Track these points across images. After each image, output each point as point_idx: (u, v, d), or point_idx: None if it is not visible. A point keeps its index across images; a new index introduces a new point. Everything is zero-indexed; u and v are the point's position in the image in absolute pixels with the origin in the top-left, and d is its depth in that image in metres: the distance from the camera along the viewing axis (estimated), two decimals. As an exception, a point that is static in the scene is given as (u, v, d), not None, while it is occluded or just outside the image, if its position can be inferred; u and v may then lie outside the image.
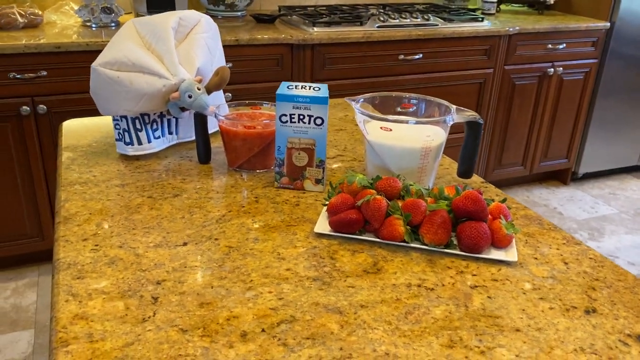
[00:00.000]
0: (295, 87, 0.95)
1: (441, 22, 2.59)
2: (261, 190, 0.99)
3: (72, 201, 0.93)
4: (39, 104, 2.02)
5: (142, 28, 1.04)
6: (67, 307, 0.68)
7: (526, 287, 0.75)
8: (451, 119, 0.96)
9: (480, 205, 0.81)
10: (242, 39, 2.19)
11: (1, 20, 2.09)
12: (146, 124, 1.07)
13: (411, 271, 0.78)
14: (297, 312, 0.69)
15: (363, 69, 2.46)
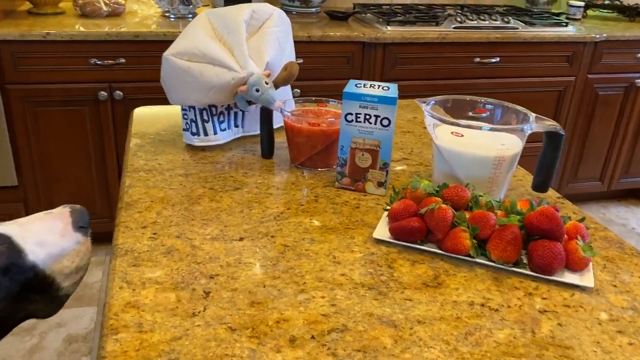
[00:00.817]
0: (364, 85, 0.91)
1: (522, 25, 2.48)
2: (321, 189, 0.96)
3: (135, 187, 0.94)
4: (115, 90, 2.09)
5: (215, 19, 1.04)
6: (120, 294, 0.68)
7: (602, 317, 0.69)
8: (529, 127, 0.89)
9: (556, 224, 0.74)
10: (314, 36, 2.18)
11: (87, 9, 2.18)
12: (213, 115, 1.07)
13: (475, 288, 0.73)
14: (350, 322, 0.66)
15: (436, 70, 2.39)
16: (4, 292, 0.65)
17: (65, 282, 0.70)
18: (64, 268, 0.70)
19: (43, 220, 0.72)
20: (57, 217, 0.73)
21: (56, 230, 0.71)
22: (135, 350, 0.60)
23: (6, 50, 1.94)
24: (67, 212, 0.73)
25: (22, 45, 1.94)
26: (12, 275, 0.66)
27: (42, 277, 0.69)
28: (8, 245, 0.67)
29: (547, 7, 2.97)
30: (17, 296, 0.67)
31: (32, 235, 0.69)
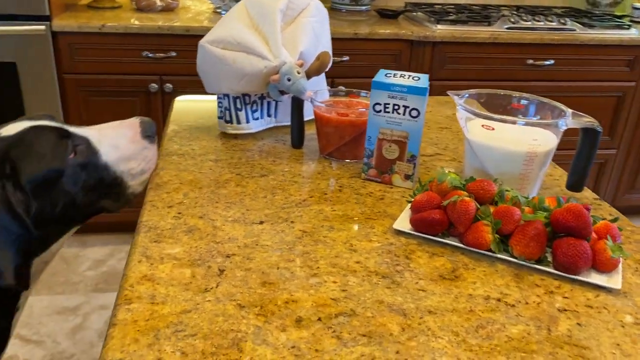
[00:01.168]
0: (394, 75, 0.90)
1: (579, 27, 2.39)
2: (347, 180, 0.96)
3: (167, 170, 0.97)
4: (166, 83, 2.15)
5: (252, 8, 1.06)
6: (138, 267, 0.70)
7: (627, 319, 0.65)
8: (564, 123, 0.86)
9: (583, 221, 0.71)
10: (360, 33, 2.17)
11: (142, 3, 2.26)
12: (246, 104, 1.09)
13: (493, 283, 0.71)
14: (359, 307, 0.65)
15: (486, 71, 2.33)
16: (81, 184, 0.80)
17: (131, 181, 0.86)
18: (131, 169, 0.85)
19: (116, 128, 0.87)
20: (129, 126, 0.88)
21: (127, 137, 0.86)
22: (145, 320, 0.61)
23: (64, 41, 2.03)
24: (137, 122, 0.88)
25: (80, 36, 2.03)
26: (88, 170, 0.81)
27: (113, 175, 0.83)
28: (86, 145, 0.82)
29: (610, 9, 2.84)
30: (92, 189, 0.81)
31: (106, 140, 0.84)
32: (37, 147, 0.77)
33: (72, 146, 0.81)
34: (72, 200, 0.80)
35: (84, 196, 0.81)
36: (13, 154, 0.75)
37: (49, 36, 2.02)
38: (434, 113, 1.32)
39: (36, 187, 0.75)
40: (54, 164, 0.77)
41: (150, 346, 0.58)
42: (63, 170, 0.78)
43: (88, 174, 0.81)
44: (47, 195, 0.77)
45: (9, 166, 0.74)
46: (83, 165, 0.81)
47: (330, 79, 2.25)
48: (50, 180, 0.77)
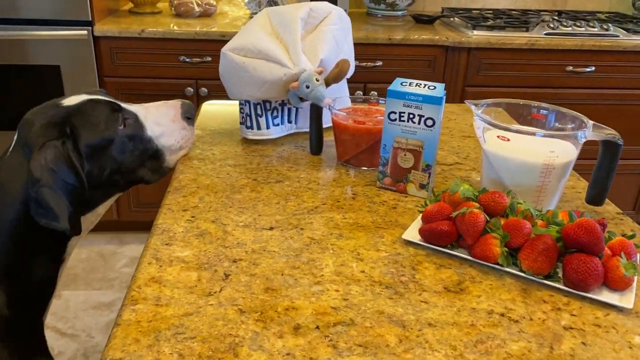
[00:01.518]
0: (409, 84, 0.90)
1: (623, 33, 2.31)
2: (362, 188, 0.96)
3: (185, 174, 0.99)
4: (201, 87, 2.20)
5: (274, 17, 1.07)
6: (147, 269, 0.73)
7: (635, 341, 0.63)
8: (583, 135, 0.84)
9: (595, 237, 0.69)
10: (394, 38, 2.16)
11: (181, 9, 2.32)
12: (267, 110, 1.10)
13: (499, 297, 0.70)
14: (358, 317, 0.65)
15: (523, 77, 2.28)
16: (127, 153, 0.92)
17: (169, 156, 0.99)
18: (171, 145, 0.99)
19: (161, 107, 1.00)
20: (171, 106, 1.01)
21: (169, 116, 0.99)
22: (148, 322, 0.63)
23: (106, 45, 2.11)
24: (179, 104, 1.02)
25: (120, 41, 2.11)
26: (134, 141, 0.93)
27: (154, 148, 0.96)
28: (135, 119, 0.95)
29: (658, 14, 2.74)
30: (135, 159, 0.94)
31: (151, 117, 0.97)
32: (93, 117, 0.89)
33: (122, 119, 0.92)
34: (118, 166, 0.92)
35: (128, 164, 0.93)
36: (75, 120, 0.87)
37: (91, 41, 2.10)
38: (458, 121, 1.30)
39: (90, 152, 0.88)
40: (106, 133, 0.89)
41: (149, 347, 0.60)
42: (113, 139, 0.90)
43: (134, 144, 0.93)
44: (98, 160, 0.89)
45: (69, 129, 0.86)
46: (130, 136, 0.93)
47: (363, 84, 2.25)
48: (102, 146, 0.89)
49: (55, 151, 0.82)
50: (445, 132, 1.23)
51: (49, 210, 0.81)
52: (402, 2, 2.52)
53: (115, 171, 0.92)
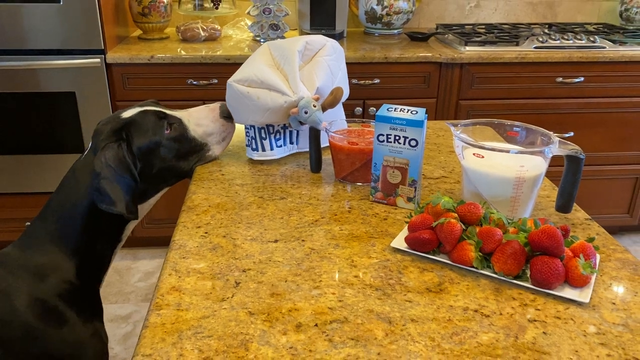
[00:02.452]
0: (395, 109, 1.01)
1: (609, 44, 2.41)
2: (356, 202, 1.07)
3: (198, 194, 1.10)
4: (208, 107, 2.32)
5: (274, 50, 1.19)
6: (168, 279, 0.84)
7: (589, 330, 0.74)
8: (550, 150, 0.94)
9: (556, 241, 0.80)
10: (390, 57, 2.28)
11: (187, 34, 2.45)
12: (270, 133, 1.22)
13: (473, 296, 0.80)
14: (351, 315, 0.76)
15: (515, 89, 2.39)
16: (175, 151, 1.13)
17: (214, 147, 1.21)
18: (213, 139, 1.20)
19: (201, 111, 1.20)
20: (211, 109, 1.20)
21: (209, 117, 1.19)
22: (171, 324, 0.74)
23: (118, 71, 2.24)
24: (218, 106, 1.21)
25: (131, 67, 2.24)
26: (181, 142, 1.14)
27: (199, 144, 1.17)
28: (179, 124, 1.15)
29: (645, 24, 2.84)
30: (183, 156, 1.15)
31: (193, 119, 1.17)
32: (143, 125, 1.10)
33: (168, 124, 1.12)
34: (167, 164, 1.12)
35: (175, 161, 1.13)
36: (128, 128, 1.08)
37: (104, 68, 2.23)
38: (446, 137, 1.41)
39: (141, 152, 1.09)
40: (154, 138, 1.10)
41: (174, 344, 0.71)
42: (160, 142, 1.11)
43: (180, 145, 1.14)
44: (148, 159, 1.10)
45: (124, 134, 1.07)
46: (176, 138, 1.13)
47: (362, 101, 2.37)
48: (151, 148, 1.10)
49: (113, 151, 1.04)
50: (433, 147, 1.34)
51: (107, 196, 1.02)
52: (398, 20, 2.64)
53: (164, 168, 1.13)
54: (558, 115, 2.45)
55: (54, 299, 1.00)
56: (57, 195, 1.08)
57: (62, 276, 1.03)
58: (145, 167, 1.09)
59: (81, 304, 1.05)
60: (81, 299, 1.06)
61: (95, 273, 1.11)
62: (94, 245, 1.09)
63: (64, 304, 1.01)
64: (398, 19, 2.63)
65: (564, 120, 2.46)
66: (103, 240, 1.10)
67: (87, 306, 1.08)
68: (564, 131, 2.46)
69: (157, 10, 2.45)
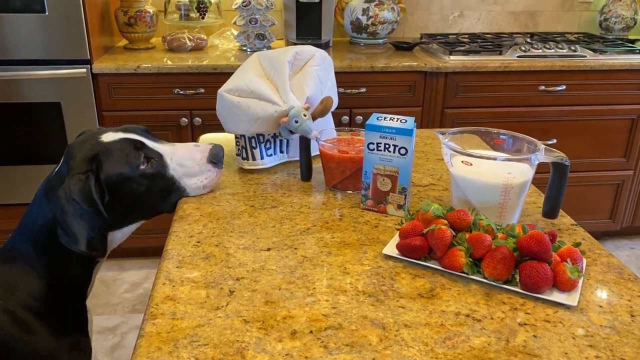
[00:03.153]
0: (384, 118, 1.03)
1: (590, 53, 2.47)
2: (347, 209, 1.08)
3: (189, 203, 1.11)
4: (195, 117, 2.32)
5: (264, 60, 1.20)
6: (162, 289, 0.84)
7: (578, 332, 0.75)
8: (536, 158, 0.97)
9: (544, 246, 0.82)
10: (376, 66, 2.31)
11: (173, 44, 2.45)
12: (260, 142, 1.23)
13: (465, 301, 0.82)
14: (345, 322, 0.77)
15: (498, 98, 2.43)
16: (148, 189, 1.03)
17: (191, 193, 1.10)
18: (193, 184, 1.09)
19: (189, 149, 1.09)
20: (200, 149, 1.10)
21: (195, 159, 1.08)
22: (167, 333, 0.75)
23: (104, 81, 2.23)
24: (208, 148, 1.10)
25: (117, 77, 2.23)
26: (155, 179, 1.04)
27: (177, 186, 1.07)
28: (158, 159, 1.05)
29: (623, 33, 2.91)
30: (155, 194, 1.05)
31: (177, 158, 1.07)
32: (117, 154, 1.02)
33: (146, 158, 1.03)
34: (138, 199, 1.04)
35: (148, 198, 1.05)
36: (101, 157, 1.01)
37: (90, 78, 2.22)
38: (434, 145, 1.43)
39: (110, 185, 1.01)
40: (125, 171, 1.01)
41: (170, 353, 0.71)
42: (131, 177, 1.02)
43: (154, 182, 1.04)
44: (118, 192, 1.01)
45: (95, 165, 1.00)
46: (151, 175, 1.04)
47: (349, 110, 2.39)
48: (120, 181, 1.01)
49: (79, 184, 0.97)
50: (421, 155, 1.36)
51: (70, 234, 0.97)
52: (383, 30, 2.67)
53: (135, 203, 1.05)
54: (541, 122, 2.49)
55: (23, 312, 0.97)
56: (29, 214, 1.05)
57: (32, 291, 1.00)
58: (114, 201, 1.02)
59: (55, 318, 1.02)
60: (56, 313, 1.02)
61: (75, 289, 1.07)
62: (67, 263, 1.04)
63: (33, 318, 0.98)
64: (383, 28, 2.66)
65: (547, 128, 2.50)
66: (75, 260, 1.05)
67: (64, 320, 1.04)
68: (547, 138, 2.50)
69: (143, 20, 2.45)
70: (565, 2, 2.99)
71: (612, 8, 2.87)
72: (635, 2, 2.87)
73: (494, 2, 2.95)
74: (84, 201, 0.97)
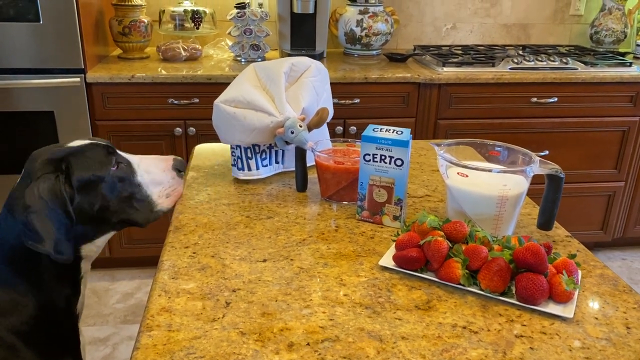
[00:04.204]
0: (380, 130, 1.03)
1: (581, 65, 2.49)
2: (343, 220, 1.08)
3: (185, 214, 1.10)
4: (189, 127, 2.32)
5: (260, 71, 1.21)
6: (158, 300, 0.83)
7: (574, 344, 0.75)
8: (531, 170, 0.97)
9: (540, 258, 0.82)
10: (370, 77, 2.32)
11: (168, 54, 2.45)
12: (256, 153, 1.23)
13: (461, 313, 0.82)
14: (342, 334, 0.77)
15: (491, 109, 2.45)
16: (116, 193, 1.03)
17: (158, 201, 1.09)
18: (159, 192, 1.09)
19: (154, 159, 1.12)
20: (164, 159, 1.12)
21: (160, 167, 1.10)
22: (163, 345, 0.74)
23: (98, 91, 2.23)
24: (171, 158, 1.13)
25: (111, 86, 2.23)
26: (124, 184, 1.04)
27: (143, 193, 1.07)
28: (127, 165, 1.07)
29: (614, 46, 2.95)
30: (124, 200, 1.04)
31: (144, 165, 1.09)
32: (88, 157, 1.02)
33: (116, 162, 1.05)
34: (107, 204, 1.03)
35: (117, 204, 1.04)
36: (70, 158, 1.00)
37: (84, 87, 2.22)
38: (428, 156, 1.44)
39: (81, 186, 0.99)
40: (98, 171, 1.01)
41: (166, 366, 0.70)
42: (104, 177, 1.01)
43: (123, 186, 1.05)
44: (88, 194, 1.00)
45: (64, 165, 0.98)
46: (121, 178, 1.04)
47: (343, 120, 2.39)
48: (92, 182, 1.00)
49: (48, 183, 0.95)
50: (416, 166, 1.37)
51: (35, 233, 0.92)
52: (377, 42, 2.69)
53: (105, 208, 1.02)
54: (533, 134, 2.51)
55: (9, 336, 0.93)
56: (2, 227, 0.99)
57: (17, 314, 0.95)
58: (84, 204, 0.99)
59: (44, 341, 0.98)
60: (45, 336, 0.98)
61: (62, 306, 1.03)
62: (49, 280, 0.99)
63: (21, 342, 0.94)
64: (377, 40, 2.68)
65: (539, 139, 2.52)
66: (57, 274, 1.00)
67: (53, 343, 1.01)
68: (539, 150, 2.52)
69: (138, 29, 2.45)
70: (557, 15, 3.02)
71: (603, 21, 2.91)
72: (625, 16, 2.91)
73: (487, 15, 2.98)
74: (52, 200, 0.94)
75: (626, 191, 2.70)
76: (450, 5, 2.93)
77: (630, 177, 2.67)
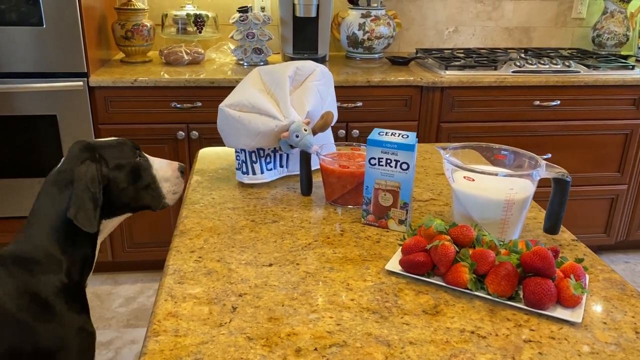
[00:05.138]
0: (386, 133, 1.03)
1: (584, 69, 2.49)
2: (348, 224, 1.08)
3: (190, 218, 1.10)
4: (192, 130, 2.32)
5: (265, 75, 1.21)
6: (164, 305, 0.83)
7: (584, 349, 0.75)
8: (537, 174, 0.97)
9: (548, 263, 0.82)
10: (372, 80, 2.32)
11: (171, 58, 2.45)
12: (261, 157, 1.22)
13: (469, 318, 0.81)
14: (350, 339, 0.76)
15: (494, 112, 2.45)
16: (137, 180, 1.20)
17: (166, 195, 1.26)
18: (167, 186, 1.26)
19: (164, 161, 1.28)
20: (171, 162, 1.29)
21: (169, 168, 1.27)
22: (170, 350, 0.74)
23: (100, 95, 2.23)
24: (177, 163, 1.30)
25: (114, 90, 2.23)
26: (144, 172, 1.22)
27: (156, 185, 1.24)
28: (146, 160, 1.24)
29: (616, 49, 2.95)
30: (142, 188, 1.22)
31: (157, 163, 1.26)
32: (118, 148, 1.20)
33: (138, 154, 1.23)
34: (128, 188, 1.19)
35: (135, 189, 1.20)
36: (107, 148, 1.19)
37: (87, 91, 2.21)
38: (432, 160, 1.44)
39: (115, 167, 1.17)
40: (128, 157, 1.20)
41: (173, 371, 0.70)
42: (132, 163, 1.20)
43: (142, 176, 1.21)
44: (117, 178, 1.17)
45: (97, 155, 1.16)
46: (143, 167, 1.22)
47: (345, 123, 2.39)
48: (123, 165, 1.18)
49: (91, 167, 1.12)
50: (421, 170, 1.37)
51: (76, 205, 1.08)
52: (379, 45, 2.69)
53: (126, 191, 1.19)
54: (536, 137, 2.51)
55: (45, 293, 1.06)
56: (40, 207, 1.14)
57: (54, 272, 1.09)
58: (114, 186, 1.17)
59: (70, 299, 1.11)
60: (70, 294, 1.11)
61: (81, 271, 1.17)
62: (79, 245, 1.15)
63: (55, 298, 1.07)
64: (379, 43, 2.68)
65: (541, 142, 2.52)
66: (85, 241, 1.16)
67: (77, 301, 1.13)
68: (542, 153, 2.52)
69: (140, 33, 2.45)
70: (559, 18, 3.02)
71: (605, 24, 2.91)
72: (627, 19, 2.91)
73: (488, 18, 2.98)
74: (91, 182, 1.10)
75: (629, 194, 2.69)
76: (452, 8, 2.94)
77: (633, 180, 2.67)
